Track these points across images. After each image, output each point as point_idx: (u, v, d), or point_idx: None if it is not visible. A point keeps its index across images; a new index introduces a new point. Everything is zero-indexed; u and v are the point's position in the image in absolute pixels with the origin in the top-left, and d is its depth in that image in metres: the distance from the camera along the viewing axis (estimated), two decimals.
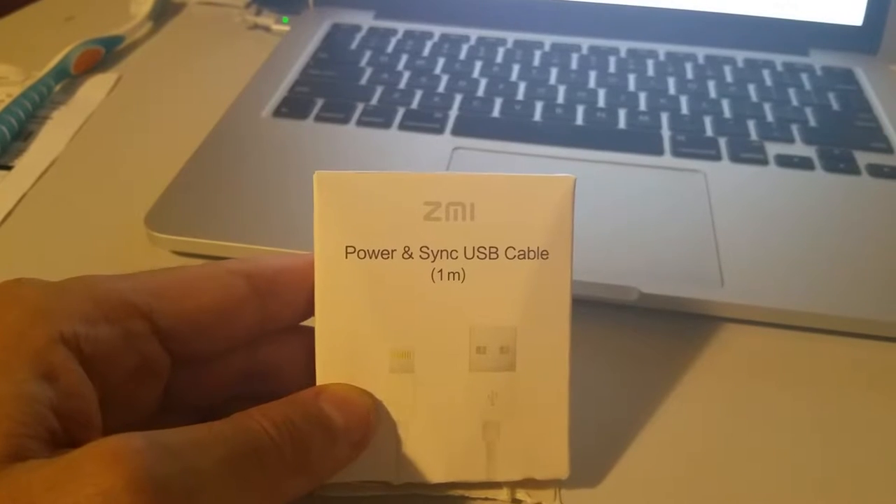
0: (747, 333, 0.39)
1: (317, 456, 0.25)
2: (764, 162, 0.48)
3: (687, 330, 0.39)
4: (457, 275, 0.28)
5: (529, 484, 0.30)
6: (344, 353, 0.28)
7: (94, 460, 0.20)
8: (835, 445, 0.34)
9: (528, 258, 0.28)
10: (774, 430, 0.34)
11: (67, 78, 0.58)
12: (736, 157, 0.48)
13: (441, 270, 0.28)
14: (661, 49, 0.60)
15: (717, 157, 0.48)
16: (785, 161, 0.48)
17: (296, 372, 0.29)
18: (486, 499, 0.30)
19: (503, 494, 0.30)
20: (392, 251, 0.27)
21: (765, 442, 0.34)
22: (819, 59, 0.60)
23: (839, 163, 0.48)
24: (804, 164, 0.48)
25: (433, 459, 0.28)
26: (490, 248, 0.28)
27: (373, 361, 0.28)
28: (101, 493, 0.19)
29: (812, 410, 0.35)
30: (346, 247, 0.27)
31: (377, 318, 0.28)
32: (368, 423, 0.27)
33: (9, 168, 0.49)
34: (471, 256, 0.28)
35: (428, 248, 0.27)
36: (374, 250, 0.27)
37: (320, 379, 0.28)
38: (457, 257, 0.28)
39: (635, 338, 0.38)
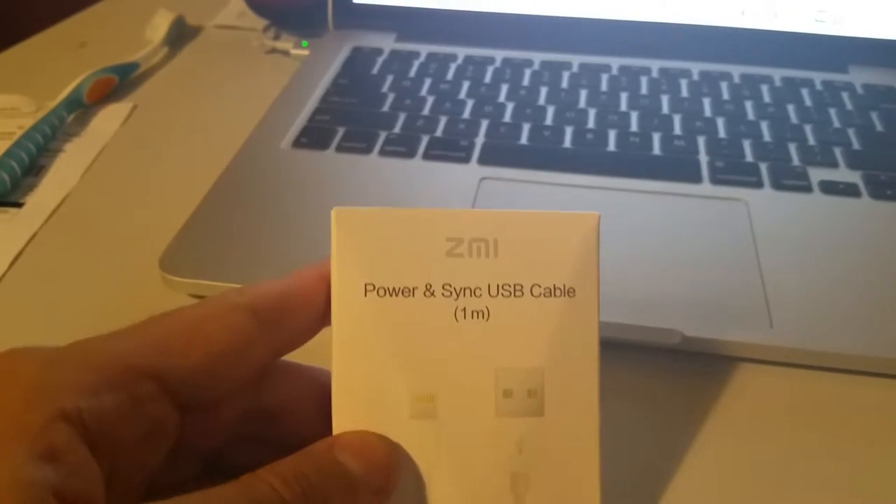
0: (798, 378, 0.36)
1: None
2: (808, 189, 0.46)
3: (732, 374, 0.37)
4: (481, 313, 0.26)
5: None
6: (362, 398, 0.26)
7: None
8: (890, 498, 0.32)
9: (555, 296, 0.27)
10: (824, 482, 0.32)
11: (80, 108, 0.57)
12: (778, 185, 0.46)
13: (464, 309, 0.26)
14: (695, 68, 0.58)
15: (759, 185, 0.46)
16: (830, 188, 0.46)
17: (303, 411, 0.28)
18: None
19: None
20: (413, 289, 0.26)
21: (815, 495, 0.32)
22: (859, 77, 0.58)
23: (886, 189, 0.46)
24: (850, 190, 0.46)
25: None
26: (515, 285, 0.26)
27: (392, 407, 0.26)
28: None
29: (871, 462, 0.33)
30: (366, 284, 0.26)
31: (397, 360, 0.26)
32: (389, 467, 0.26)
33: (19, 205, 0.47)
34: (495, 294, 0.26)
35: (450, 286, 0.26)
36: (394, 288, 0.26)
37: (337, 425, 0.26)
38: (480, 295, 0.26)
39: (675, 384, 0.36)
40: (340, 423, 0.26)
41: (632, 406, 0.35)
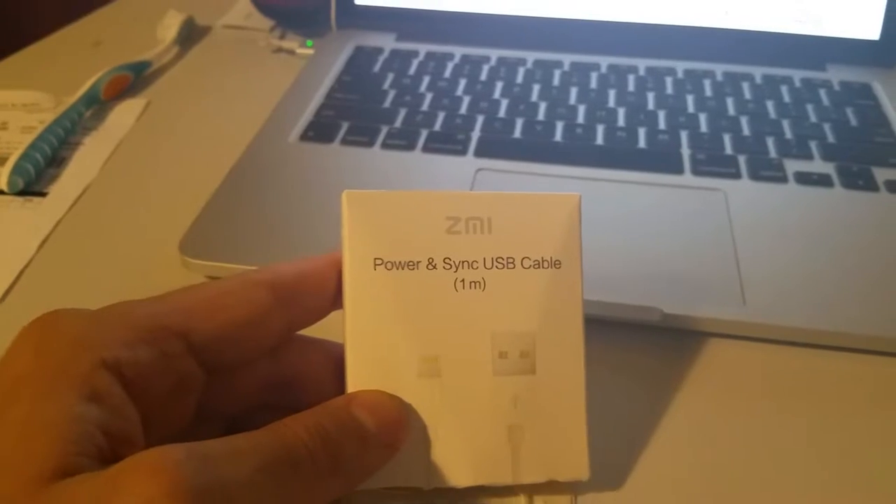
0: (768, 352, 0.39)
1: (350, 460, 0.27)
2: (783, 180, 0.49)
3: (708, 348, 0.39)
4: (478, 284, 0.29)
5: (546, 490, 0.31)
6: (374, 360, 0.29)
7: (135, 472, 0.21)
8: (860, 464, 0.34)
9: (543, 267, 0.30)
10: (795, 445, 0.35)
11: (97, 104, 0.59)
12: (756, 175, 0.49)
13: (463, 280, 0.29)
14: (679, 66, 0.61)
15: (737, 176, 0.49)
16: (804, 178, 0.49)
17: (318, 381, 0.31)
18: None
19: (521, 502, 0.31)
20: (417, 262, 0.29)
21: (787, 456, 0.34)
22: (837, 75, 0.60)
23: (858, 179, 0.49)
24: (823, 181, 0.48)
25: (461, 463, 0.29)
26: (507, 258, 0.29)
27: (401, 367, 0.29)
28: (143, 503, 0.20)
29: (834, 427, 0.36)
30: (375, 259, 0.29)
31: (405, 326, 0.29)
32: (400, 424, 0.28)
33: (43, 194, 0.50)
34: (490, 266, 0.29)
35: (450, 259, 0.29)
36: (400, 262, 0.29)
37: (351, 385, 0.29)
38: (477, 267, 0.29)
39: (657, 357, 0.39)
40: (355, 382, 0.29)
41: (616, 378, 0.37)
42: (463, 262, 0.29)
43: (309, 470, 0.25)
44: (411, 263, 0.29)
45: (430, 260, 0.29)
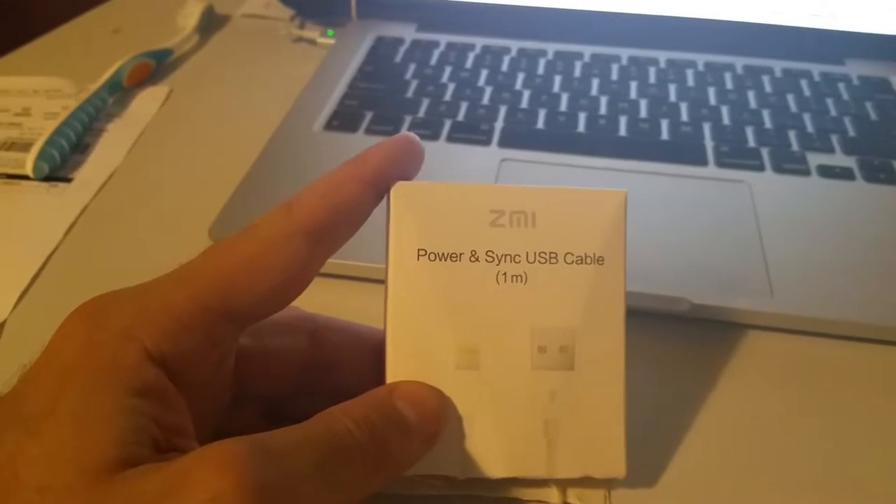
0: (795, 342, 0.39)
1: (394, 452, 0.27)
2: (806, 172, 0.49)
3: (735, 339, 0.40)
4: (519, 277, 0.29)
5: (581, 484, 0.32)
6: (413, 350, 0.29)
7: (203, 466, 0.21)
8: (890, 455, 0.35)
9: (586, 263, 0.29)
10: (826, 436, 0.35)
11: (120, 91, 0.59)
12: (779, 168, 0.49)
13: (505, 273, 0.29)
14: (700, 59, 0.61)
15: (761, 168, 0.49)
16: (826, 171, 0.49)
17: (354, 366, 0.31)
18: (539, 501, 0.31)
19: (554, 497, 0.31)
20: (460, 254, 0.29)
21: (818, 447, 0.35)
22: (855, 69, 0.61)
23: (879, 173, 0.49)
24: (845, 174, 0.49)
25: (496, 455, 0.29)
26: (550, 253, 0.29)
27: (440, 358, 0.29)
28: (212, 498, 0.21)
29: (864, 418, 0.36)
30: (418, 250, 0.29)
31: (445, 317, 0.29)
32: (439, 418, 0.28)
33: (68, 180, 0.50)
34: (532, 261, 0.29)
35: (493, 253, 0.29)
36: (443, 253, 0.29)
37: (391, 375, 0.29)
38: (519, 261, 0.29)
39: (685, 348, 0.39)
40: (394, 372, 0.29)
41: (644, 368, 0.37)
42: (505, 255, 0.29)
43: (358, 463, 0.25)
44: (454, 255, 0.29)
45: (473, 252, 0.29)
